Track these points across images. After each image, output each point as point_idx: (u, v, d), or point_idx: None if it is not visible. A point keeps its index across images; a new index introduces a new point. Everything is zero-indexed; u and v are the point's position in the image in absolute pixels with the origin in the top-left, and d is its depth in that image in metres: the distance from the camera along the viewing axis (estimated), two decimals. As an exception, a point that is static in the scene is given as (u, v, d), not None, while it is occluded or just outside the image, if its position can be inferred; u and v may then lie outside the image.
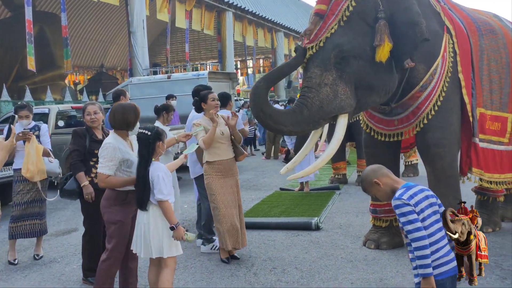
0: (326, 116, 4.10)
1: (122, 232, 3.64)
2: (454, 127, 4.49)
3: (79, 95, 25.39)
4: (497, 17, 5.38)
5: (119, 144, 3.60)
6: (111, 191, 3.65)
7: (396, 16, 4.06)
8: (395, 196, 2.52)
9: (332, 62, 4.06)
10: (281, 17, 34.46)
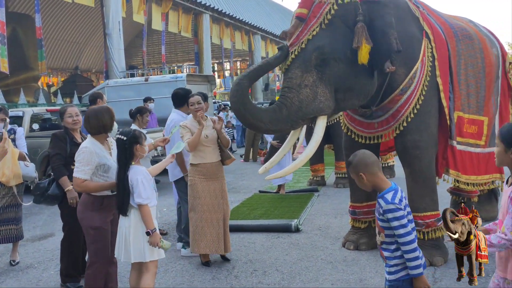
0: (305, 117, 4.14)
1: (101, 237, 3.61)
2: (431, 129, 4.58)
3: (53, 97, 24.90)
4: (472, 22, 5.51)
5: (96, 148, 3.57)
6: (87, 196, 3.62)
7: (374, 23, 4.14)
8: (387, 199, 2.53)
9: (313, 64, 4.10)
10: (258, 20, 34.53)
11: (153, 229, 3.38)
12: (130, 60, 32.49)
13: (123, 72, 18.87)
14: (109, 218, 3.67)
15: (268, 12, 38.01)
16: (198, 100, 4.71)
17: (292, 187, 8.71)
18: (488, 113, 5.00)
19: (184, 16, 25.16)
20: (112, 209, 3.68)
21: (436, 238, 4.50)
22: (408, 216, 2.56)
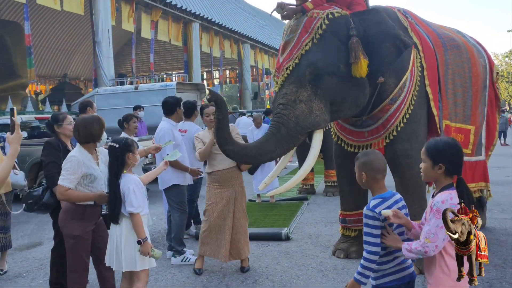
0: (303, 132, 4.12)
1: (79, 246, 3.57)
2: (421, 138, 4.62)
3: (40, 105, 24.74)
4: (460, 33, 5.60)
5: (84, 158, 3.53)
6: (70, 205, 3.58)
7: (369, 32, 4.16)
8: (369, 205, 2.59)
9: (307, 79, 4.10)
10: (247, 29, 34.70)
11: (144, 238, 3.37)
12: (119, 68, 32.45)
13: (112, 80, 18.83)
14: (91, 227, 3.63)
15: (257, 21, 38.21)
16: (213, 111, 4.71)
17: (282, 195, 8.73)
18: (475, 122, 5.07)
19: (174, 24, 25.22)
20: (94, 219, 3.66)
21: (425, 246, 4.52)
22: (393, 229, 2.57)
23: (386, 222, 2.56)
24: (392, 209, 2.57)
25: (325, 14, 4.16)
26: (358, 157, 2.78)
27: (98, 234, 3.70)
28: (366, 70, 4.07)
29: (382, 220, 2.55)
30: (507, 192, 8.35)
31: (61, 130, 4.30)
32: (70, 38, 35.16)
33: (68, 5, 17.84)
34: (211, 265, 4.89)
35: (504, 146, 19.05)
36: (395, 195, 2.68)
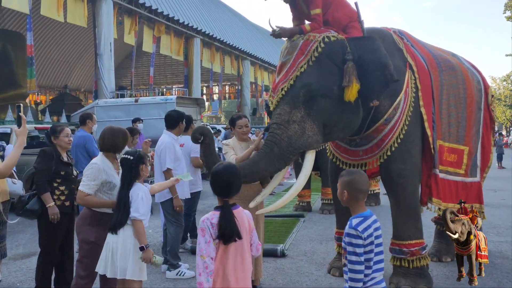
0: (295, 152, 4.16)
1: (95, 252, 3.62)
2: (415, 158, 4.66)
3: (40, 115, 24.78)
4: (455, 55, 5.68)
5: (105, 166, 3.69)
6: (87, 210, 3.72)
7: (364, 58, 4.21)
8: (351, 224, 2.63)
9: (301, 100, 4.15)
10: (248, 45, 34.98)
11: (147, 244, 3.44)
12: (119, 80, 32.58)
13: (113, 93, 18.91)
14: (105, 235, 3.65)
15: (258, 38, 38.53)
16: (246, 123, 4.78)
17: (278, 212, 8.73)
18: (469, 143, 5.11)
19: (175, 39, 25.43)
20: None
21: (420, 267, 4.53)
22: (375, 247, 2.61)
23: (367, 240, 2.59)
24: (371, 228, 2.62)
25: (321, 37, 4.23)
26: (342, 175, 2.84)
27: None
28: (355, 94, 4.13)
29: (365, 238, 2.57)
30: (503, 215, 8.37)
31: (57, 141, 4.41)
32: (72, 50, 35.37)
33: (72, 17, 18.00)
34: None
35: (501, 169, 19.11)
36: (373, 215, 2.74)
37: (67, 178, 4.37)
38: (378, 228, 2.69)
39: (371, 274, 2.62)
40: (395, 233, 4.68)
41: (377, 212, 8.27)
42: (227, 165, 2.97)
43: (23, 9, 15.79)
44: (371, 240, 2.60)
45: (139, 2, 21.52)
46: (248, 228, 2.83)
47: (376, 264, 2.64)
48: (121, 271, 3.44)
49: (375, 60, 4.20)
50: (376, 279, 2.65)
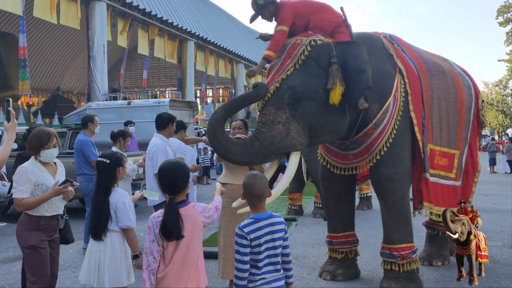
0: (277, 152, 4.18)
1: (38, 256, 3.55)
2: (405, 162, 4.68)
3: (32, 117, 24.64)
4: (446, 60, 5.71)
5: (33, 167, 3.54)
6: (25, 216, 3.57)
7: (347, 63, 4.26)
8: (241, 224, 2.75)
9: (286, 102, 4.18)
10: (242, 49, 35.05)
11: (140, 251, 3.43)
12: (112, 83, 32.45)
13: (105, 95, 18.85)
14: (46, 239, 3.62)
15: (252, 42, 38.60)
16: (239, 125, 4.81)
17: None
18: (459, 147, 5.14)
19: (169, 42, 25.42)
20: (50, 231, 3.65)
21: (411, 271, 4.54)
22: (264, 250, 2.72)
23: (254, 242, 2.68)
24: (261, 231, 2.72)
25: (308, 41, 4.27)
26: (244, 178, 2.92)
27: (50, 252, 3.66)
28: (339, 97, 4.17)
29: (251, 240, 2.68)
30: (494, 220, 8.42)
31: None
32: (65, 52, 35.25)
33: (65, 19, 17.94)
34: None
35: (492, 174, 19.23)
36: (272, 217, 2.81)
37: None
38: (275, 231, 2.77)
39: (260, 275, 2.73)
40: (386, 237, 4.70)
41: (369, 216, 8.31)
42: (173, 162, 3.00)
43: (16, 10, 15.73)
44: (259, 242, 2.70)
45: (133, 5, 21.51)
46: (198, 225, 2.84)
47: (266, 266, 2.74)
48: (111, 280, 3.41)
49: (356, 65, 4.25)
50: (267, 279, 2.74)
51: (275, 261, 2.78)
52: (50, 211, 3.60)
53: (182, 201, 2.84)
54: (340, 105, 4.24)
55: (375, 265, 5.52)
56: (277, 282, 2.78)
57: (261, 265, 2.74)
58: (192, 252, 2.79)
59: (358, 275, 5.13)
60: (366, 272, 5.29)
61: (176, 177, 2.83)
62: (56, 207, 3.65)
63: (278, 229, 2.80)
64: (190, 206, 2.84)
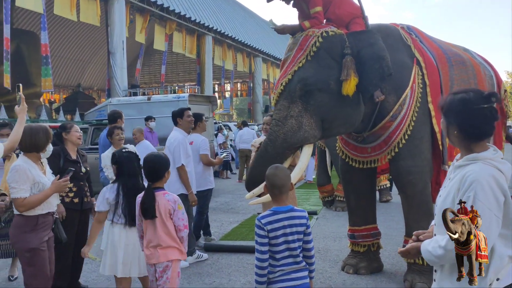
0: (291, 147, 4.20)
1: (38, 259, 3.48)
2: (425, 155, 4.61)
3: (54, 114, 25.03)
4: (467, 50, 5.60)
5: (29, 166, 3.47)
6: (20, 218, 3.47)
7: (363, 52, 4.22)
8: (260, 216, 2.81)
9: (297, 95, 4.18)
10: (260, 42, 34.95)
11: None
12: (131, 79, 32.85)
13: (125, 91, 19.03)
14: (45, 238, 3.56)
15: (269, 35, 38.47)
16: (268, 121, 4.84)
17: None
18: None
19: (188, 37, 25.50)
20: (47, 229, 3.60)
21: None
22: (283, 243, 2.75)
23: (271, 233, 2.72)
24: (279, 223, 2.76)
25: (320, 32, 4.25)
26: (273, 169, 2.95)
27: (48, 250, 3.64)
28: (353, 88, 4.13)
29: (268, 231, 2.72)
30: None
31: (68, 137, 4.49)
32: (84, 49, 35.65)
33: (85, 16, 18.13)
34: (219, 277, 4.91)
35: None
36: (293, 211, 2.83)
37: (75, 176, 4.37)
38: (295, 225, 2.79)
39: (279, 266, 2.77)
40: (407, 230, 4.66)
41: (390, 209, 8.23)
42: (155, 154, 3.48)
43: (37, 8, 15.94)
44: (276, 234, 2.74)
45: (151, 1, 21.62)
46: (165, 210, 3.22)
47: (286, 258, 2.77)
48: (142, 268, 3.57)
49: (373, 53, 4.21)
50: (286, 271, 2.78)
51: (295, 254, 2.81)
52: (45, 209, 3.56)
53: (158, 187, 3.30)
54: (354, 97, 4.20)
55: (398, 258, 5.48)
56: (297, 273, 2.82)
57: (279, 257, 2.78)
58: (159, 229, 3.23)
59: (381, 268, 5.10)
60: (389, 265, 5.26)
61: (155, 167, 3.31)
62: (50, 204, 3.61)
63: (298, 223, 2.82)
64: (161, 193, 3.26)
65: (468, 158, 2.11)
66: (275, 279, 2.79)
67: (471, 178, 2.01)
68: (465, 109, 2.10)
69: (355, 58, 4.19)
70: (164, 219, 3.23)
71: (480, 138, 2.11)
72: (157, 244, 3.24)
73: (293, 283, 2.80)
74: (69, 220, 4.33)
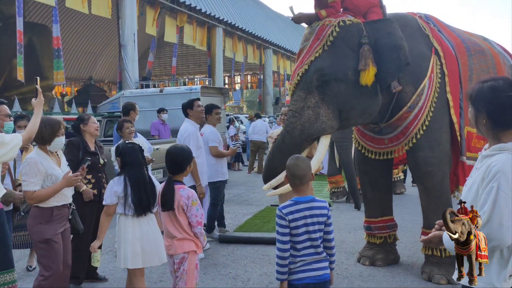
0: (308, 138, 4.20)
1: (52, 250, 3.53)
2: (443, 146, 4.56)
3: (66, 106, 25.18)
4: (487, 40, 5.52)
5: (41, 158, 3.51)
6: (36, 209, 3.54)
7: (380, 41, 4.17)
8: (281, 206, 2.82)
9: (314, 85, 4.16)
10: (270, 34, 34.77)
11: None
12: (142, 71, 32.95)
13: (137, 83, 19.07)
14: (60, 230, 3.61)
15: (280, 27, 38.28)
16: (287, 111, 4.77)
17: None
18: None
19: (198, 29, 25.44)
20: (62, 221, 3.65)
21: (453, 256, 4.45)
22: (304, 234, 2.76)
23: (292, 223, 2.73)
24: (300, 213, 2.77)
25: (337, 22, 4.21)
26: (294, 159, 2.96)
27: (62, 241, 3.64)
28: (372, 78, 4.10)
29: (289, 221, 2.73)
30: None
31: (86, 128, 4.54)
32: (95, 42, 35.72)
33: (96, 9, 18.15)
34: (235, 268, 4.91)
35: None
36: (314, 201, 2.83)
37: (93, 167, 4.46)
38: (316, 215, 2.80)
39: (300, 257, 2.77)
40: (426, 222, 4.61)
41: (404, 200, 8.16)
42: (177, 146, 3.48)
43: (48, 1, 15.98)
44: (296, 225, 2.74)
45: (161, -7, 21.58)
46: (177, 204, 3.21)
47: (307, 249, 2.78)
48: (161, 257, 3.56)
49: (390, 42, 4.17)
50: (307, 261, 2.78)
51: (316, 244, 2.81)
52: (60, 201, 3.60)
53: (177, 181, 3.29)
54: (371, 87, 4.17)
55: (414, 250, 5.45)
56: (318, 263, 2.82)
57: (300, 247, 2.79)
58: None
59: (398, 260, 5.07)
60: (406, 257, 5.22)
61: (177, 159, 3.30)
62: (65, 196, 3.66)
63: (319, 214, 2.82)
64: (177, 187, 3.25)
65: (495, 148, 2.08)
66: (296, 269, 2.80)
67: (496, 169, 1.99)
68: (495, 97, 2.07)
69: (372, 48, 4.14)
70: (176, 213, 3.24)
71: (508, 126, 2.07)
72: (172, 236, 3.28)
73: (314, 274, 2.80)
74: (87, 212, 4.38)
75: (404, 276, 4.66)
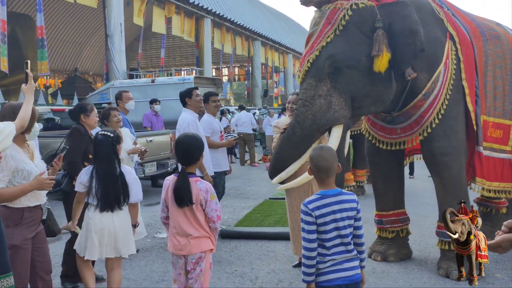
0: (320, 129, 3.98)
1: (19, 258, 3.04)
2: (459, 135, 4.38)
3: (51, 98, 24.63)
4: (500, 25, 5.35)
5: (12, 151, 2.99)
6: (3, 209, 2.99)
7: (395, 26, 3.96)
8: (305, 200, 2.61)
9: (326, 72, 3.94)
10: (259, 26, 34.47)
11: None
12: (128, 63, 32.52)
13: (124, 74, 18.67)
14: (30, 235, 3.10)
15: (269, 18, 38.00)
16: (294, 99, 4.53)
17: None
18: None
19: (187, 20, 25.01)
20: (34, 224, 3.15)
21: (471, 250, 4.26)
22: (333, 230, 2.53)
23: (319, 220, 2.51)
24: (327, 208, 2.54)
25: (349, 4, 3.96)
26: (318, 149, 2.76)
27: (38, 246, 3.18)
28: (386, 64, 3.87)
29: (316, 217, 2.51)
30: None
31: (87, 120, 4.30)
32: (80, 32, 35.03)
33: (82, -2, 17.63)
34: (241, 265, 4.67)
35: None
36: (342, 195, 2.61)
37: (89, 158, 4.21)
38: (345, 209, 2.57)
39: (330, 256, 2.55)
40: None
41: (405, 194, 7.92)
42: (188, 135, 3.24)
43: (32, -11, 15.49)
44: (324, 221, 2.53)
45: (149, -18, 21.11)
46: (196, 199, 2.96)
47: (337, 247, 2.56)
48: (127, 249, 3.49)
49: (405, 27, 3.94)
50: (338, 260, 2.56)
51: (346, 241, 2.58)
52: (33, 201, 3.11)
53: (190, 173, 3.01)
54: (385, 73, 3.94)
55: (424, 244, 5.26)
56: (349, 262, 2.59)
57: (330, 245, 2.55)
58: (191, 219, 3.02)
59: (411, 255, 4.86)
60: (417, 252, 5.02)
61: (190, 149, 3.03)
62: (40, 196, 3.17)
63: (349, 208, 2.59)
64: (193, 179, 2.98)
65: None
66: (326, 269, 2.55)
67: None
68: None
69: (386, 32, 3.91)
70: (194, 209, 2.99)
71: None
72: (187, 234, 3.01)
73: (345, 274, 2.56)
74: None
75: (419, 272, 4.45)
